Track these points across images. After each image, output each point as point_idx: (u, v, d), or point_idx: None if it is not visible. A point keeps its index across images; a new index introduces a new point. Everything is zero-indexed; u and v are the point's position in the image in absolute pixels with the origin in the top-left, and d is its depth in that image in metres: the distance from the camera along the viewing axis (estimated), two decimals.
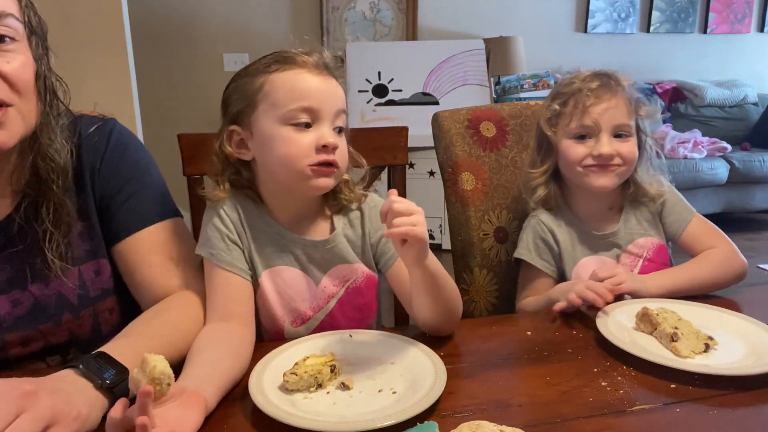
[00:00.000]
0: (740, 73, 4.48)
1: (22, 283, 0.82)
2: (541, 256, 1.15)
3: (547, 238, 1.15)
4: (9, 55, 0.72)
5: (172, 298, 0.85)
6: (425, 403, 0.67)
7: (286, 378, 0.72)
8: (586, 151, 1.08)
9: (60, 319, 0.85)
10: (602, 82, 1.08)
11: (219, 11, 3.59)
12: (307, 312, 0.92)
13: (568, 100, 1.10)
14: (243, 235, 0.89)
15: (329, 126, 0.84)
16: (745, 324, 0.89)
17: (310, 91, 0.83)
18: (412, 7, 3.81)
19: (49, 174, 0.78)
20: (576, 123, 1.08)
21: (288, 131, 0.83)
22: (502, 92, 3.67)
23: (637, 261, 1.14)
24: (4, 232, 0.81)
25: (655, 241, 1.15)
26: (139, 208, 0.88)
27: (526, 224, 1.19)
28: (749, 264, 1.11)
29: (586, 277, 1.09)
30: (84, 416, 0.60)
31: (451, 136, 1.30)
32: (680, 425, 0.67)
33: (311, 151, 0.83)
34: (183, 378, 0.69)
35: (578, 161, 1.09)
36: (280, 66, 0.84)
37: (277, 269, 0.90)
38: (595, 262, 1.14)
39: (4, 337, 0.82)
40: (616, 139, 1.07)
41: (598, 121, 1.06)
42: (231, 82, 0.90)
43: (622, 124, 1.07)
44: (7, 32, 0.72)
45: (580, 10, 4.14)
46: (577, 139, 1.09)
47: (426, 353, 0.79)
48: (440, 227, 3.43)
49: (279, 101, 0.83)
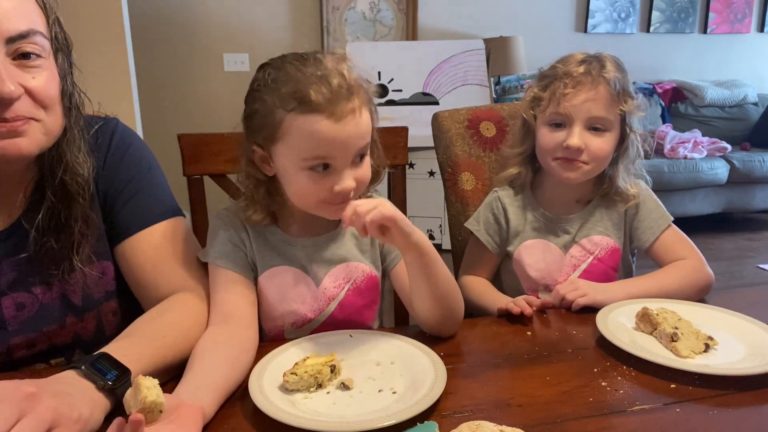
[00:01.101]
0: (740, 73, 4.48)
1: (27, 287, 0.82)
2: (488, 231, 1.15)
3: (498, 215, 1.15)
4: (35, 71, 0.73)
5: (174, 299, 0.85)
6: (425, 403, 0.67)
7: (286, 378, 0.72)
8: (558, 140, 1.05)
9: (64, 321, 0.86)
10: (586, 70, 1.03)
11: (219, 11, 3.58)
12: (307, 314, 0.92)
13: (548, 85, 1.06)
14: (246, 239, 0.90)
15: (349, 168, 0.82)
16: (745, 324, 0.89)
17: (327, 142, 0.79)
18: (412, 7, 3.81)
19: (75, 188, 0.80)
20: (551, 110, 1.05)
21: (304, 175, 0.82)
22: (502, 92, 3.67)
23: (587, 257, 1.12)
24: (12, 237, 0.81)
25: (611, 242, 1.13)
26: (141, 207, 0.89)
27: (486, 198, 1.19)
28: (749, 264, 1.11)
29: (527, 261, 1.13)
30: (86, 418, 0.60)
31: (451, 136, 1.30)
32: (680, 425, 0.67)
33: (326, 194, 0.82)
34: (182, 383, 0.69)
35: (549, 150, 1.07)
36: (298, 107, 0.78)
37: (277, 269, 0.91)
38: (540, 246, 1.13)
39: (9, 340, 0.82)
40: (591, 132, 1.04)
41: (570, 111, 1.03)
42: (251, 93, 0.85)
43: (598, 116, 1.03)
44: (34, 49, 0.72)
45: (580, 10, 4.15)
46: (553, 127, 1.06)
47: (426, 353, 0.79)
48: (440, 227, 3.42)
49: (296, 147, 0.80)
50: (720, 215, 3.83)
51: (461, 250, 1.30)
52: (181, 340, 0.77)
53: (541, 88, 1.08)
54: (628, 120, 1.07)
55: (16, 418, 0.53)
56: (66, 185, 0.80)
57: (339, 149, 0.80)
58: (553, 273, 1.13)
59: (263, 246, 0.90)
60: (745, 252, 3.33)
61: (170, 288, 0.86)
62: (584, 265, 1.12)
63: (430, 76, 3.56)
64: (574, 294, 0.98)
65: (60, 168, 0.79)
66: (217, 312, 0.84)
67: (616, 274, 1.15)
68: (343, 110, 0.78)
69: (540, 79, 1.10)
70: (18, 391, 0.55)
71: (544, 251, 1.13)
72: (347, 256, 0.93)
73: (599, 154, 1.04)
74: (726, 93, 4.25)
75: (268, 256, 0.90)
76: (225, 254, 0.88)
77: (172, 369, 0.76)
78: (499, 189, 1.18)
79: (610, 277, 1.13)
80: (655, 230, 1.11)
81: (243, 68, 3.64)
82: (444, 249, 3.38)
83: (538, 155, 1.12)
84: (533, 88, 1.10)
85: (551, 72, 1.08)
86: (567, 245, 1.13)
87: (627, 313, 0.92)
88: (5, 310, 0.82)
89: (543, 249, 1.13)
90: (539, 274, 1.13)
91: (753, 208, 3.95)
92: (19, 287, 0.82)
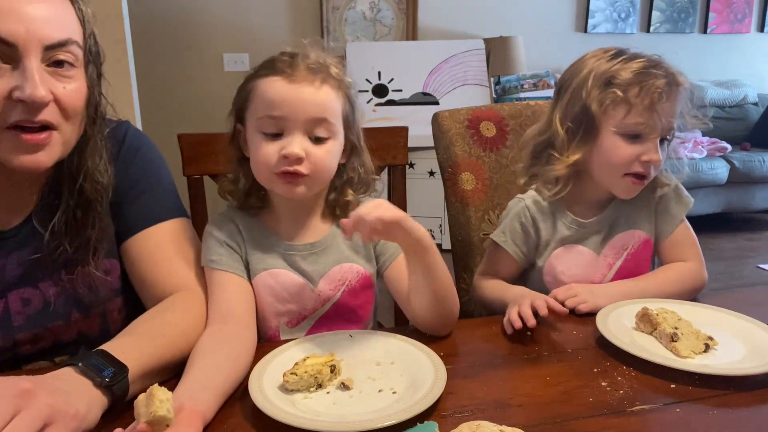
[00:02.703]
0: (740, 73, 4.48)
1: (33, 283, 0.83)
2: (515, 242, 1.10)
3: (527, 225, 1.09)
4: (66, 81, 0.75)
5: (175, 298, 0.85)
6: (425, 403, 0.67)
7: (286, 378, 0.72)
8: (634, 154, 0.96)
9: (70, 318, 0.86)
10: (668, 81, 0.96)
11: (219, 11, 3.59)
12: (302, 313, 0.93)
13: (629, 88, 0.96)
14: (241, 242, 0.91)
15: (300, 135, 0.83)
16: (745, 324, 0.89)
17: (279, 100, 0.83)
18: (412, 7, 3.81)
19: (94, 195, 0.82)
20: (636, 120, 0.95)
21: (259, 138, 0.85)
22: (502, 92, 3.67)
23: (621, 254, 1.09)
24: (21, 234, 0.83)
25: (643, 235, 1.09)
26: (148, 206, 0.90)
27: (511, 206, 1.12)
28: (749, 264, 1.11)
29: (560, 269, 1.08)
30: (82, 414, 0.60)
31: (451, 136, 1.30)
32: (680, 425, 0.67)
33: (275, 160, 0.83)
34: (183, 383, 0.69)
35: (623, 165, 0.98)
36: (265, 71, 0.85)
37: (271, 272, 0.91)
38: (571, 252, 1.09)
39: (15, 335, 0.83)
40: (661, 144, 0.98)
41: (658, 123, 0.95)
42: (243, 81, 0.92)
43: (672, 128, 0.98)
44: (68, 58, 0.74)
45: (580, 10, 4.14)
46: (628, 138, 0.97)
47: (426, 353, 0.79)
48: (440, 227, 3.42)
49: (256, 109, 0.85)
50: (720, 215, 3.83)
51: (461, 250, 1.30)
52: (180, 340, 0.78)
53: (623, 91, 0.96)
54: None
55: (11, 415, 0.53)
56: (85, 191, 0.82)
57: (288, 109, 0.82)
58: (589, 275, 1.09)
59: (257, 249, 0.91)
60: (745, 252, 3.33)
61: (171, 287, 0.86)
62: (619, 262, 1.09)
63: (430, 76, 3.56)
64: (574, 301, 0.97)
65: (80, 175, 0.81)
66: (216, 312, 0.84)
67: (650, 265, 1.12)
68: (300, 75, 0.83)
69: (612, 79, 0.98)
70: (13, 387, 0.55)
71: (576, 256, 1.09)
72: (341, 258, 0.94)
73: (660, 165, 1.00)
74: (726, 93, 4.25)
75: (262, 259, 0.91)
76: (220, 256, 0.88)
77: (171, 368, 0.76)
78: (525, 197, 1.10)
79: (643, 270, 1.10)
80: (672, 225, 1.09)
81: (243, 68, 3.64)
82: (444, 249, 3.38)
83: (603, 167, 1.02)
84: (611, 90, 0.97)
85: (628, 76, 0.97)
86: (599, 246, 1.09)
87: (627, 313, 0.92)
88: (11, 304, 0.82)
89: (575, 254, 1.09)
90: (574, 280, 1.08)
91: (753, 208, 3.95)
92: (25, 283, 0.83)
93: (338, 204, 0.94)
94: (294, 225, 0.93)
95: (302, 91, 0.83)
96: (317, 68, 0.85)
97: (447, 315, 0.87)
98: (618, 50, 1.03)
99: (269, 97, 0.83)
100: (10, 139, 0.72)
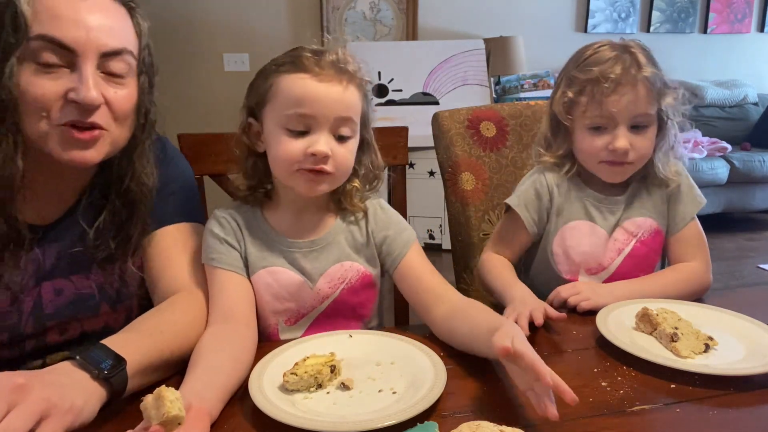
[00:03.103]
0: (740, 73, 4.48)
1: (67, 274, 0.87)
2: (528, 208, 1.11)
3: (542, 192, 1.11)
4: (117, 86, 0.80)
5: (174, 299, 0.86)
6: (425, 403, 0.67)
7: (286, 378, 0.72)
8: (602, 144, 1.03)
9: (99, 310, 0.90)
10: (623, 70, 1.00)
11: (219, 11, 3.59)
12: (300, 311, 0.93)
13: (584, 89, 1.03)
14: (241, 239, 0.91)
15: (327, 133, 0.84)
16: (745, 324, 0.89)
17: (308, 98, 0.82)
18: (412, 7, 3.81)
19: (140, 196, 0.87)
20: (592, 113, 1.03)
21: (284, 135, 0.84)
22: (502, 92, 3.68)
23: (630, 240, 1.10)
24: (59, 227, 0.86)
25: (654, 225, 1.11)
26: (172, 206, 0.93)
27: (529, 174, 1.15)
28: (749, 264, 1.11)
29: (569, 244, 1.10)
30: (78, 408, 0.60)
31: (451, 136, 1.30)
32: (680, 425, 0.67)
33: (301, 157, 0.83)
34: (187, 382, 0.69)
35: (594, 154, 1.05)
36: (289, 67, 0.84)
37: (270, 270, 0.91)
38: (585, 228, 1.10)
39: (45, 323, 0.86)
40: (633, 131, 1.02)
41: (614, 114, 1.00)
42: (256, 76, 0.91)
43: (640, 113, 1.01)
44: (122, 66, 0.80)
45: (580, 10, 4.15)
46: (593, 131, 1.04)
47: (426, 353, 0.79)
48: (440, 227, 3.43)
49: (280, 105, 0.84)
50: (720, 215, 3.83)
51: (461, 250, 1.30)
52: (178, 337, 0.78)
53: (577, 92, 1.04)
54: (665, 109, 1.04)
55: (5, 411, 0.53)
56: (131, 192, 0.86)
57: (318, 108, 0.82)
58: (597, 256, 1.10)
59: (257, 246, 0.91)
60: (745, 252, 3.33)
61: (178, 284, 0.88)
62: (628, 249, 1.10)
63: (430, 76, 3.56)
64: (577, 298, 0.98)
65: (128, 176, 0.86)
66: (217, 311, 0.84)
67: (658, 258, 1.13)
68: (328, 74, 0.83)
69: (572, 82, 1.06)
70: (7, 383, 0.56)
71: (590, 234, 1.10)
72: (342, 256, 0.93)
73: (645, 152, 1.04)
74: (726, 93, 4.25)
75: (263, 257, 0.91)
76: (219, 254, 0.89)
77: (169, 365, 0.77)
78: (545, 169, 1.13)
79: (652, 262, 1.12)
80: (684, 220, 1.10)
81: (243, 68, 3.64)
82: (444, 249, 3.39)
83: (580, 158, 1.10)
84: (566, 93, 1.06)
85: (584, 74, 1.03)
86: (611, 228, 1.10)
87: (627, 313, 0.92)
88: (44, 293, 0.85)
89: (589, 232, 1.10)
90: (582, 258, 1.11)
91: (753, 208, 3.95)
92: (60, 274, 0.86)
93: (342, 194, 0.94)
94: (297, 220, 0.93)
95: (332, 90, 0.83)
96: (343, 68, 0.85)
97: None
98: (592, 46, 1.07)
99: (297, 94, 0.83)
100: (62, 134, 0.77)
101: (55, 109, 0.75)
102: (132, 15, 0.83)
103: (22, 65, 0.74)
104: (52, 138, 0.77)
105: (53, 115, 0.76)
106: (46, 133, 0.76)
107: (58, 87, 0.75)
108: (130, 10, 0.83)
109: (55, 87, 0.75)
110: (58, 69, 0.75)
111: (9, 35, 0.72)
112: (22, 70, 0.74)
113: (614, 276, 1.10)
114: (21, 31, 0.73)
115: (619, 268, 1.10)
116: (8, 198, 0.77)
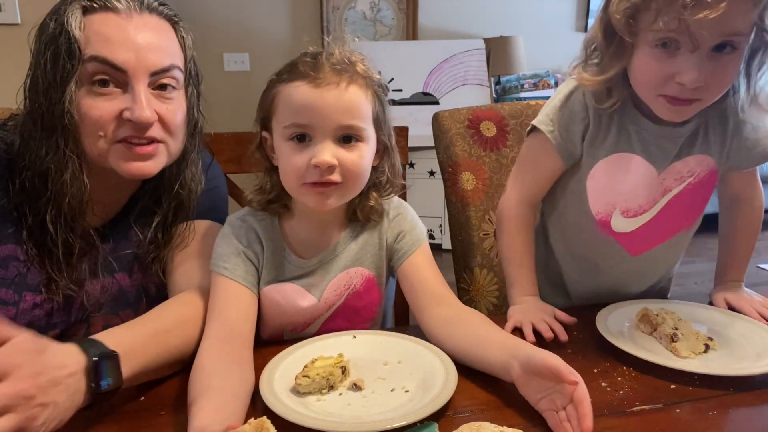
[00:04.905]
0: None
1: (112, 272, 0.91)
2: (559, 129, 0.91)
3: (577, 112, 0.90)
4: (168, 102, 0.84)
5: (179, 297, 0.86)
6: (441, 400, 0.67)
7: (298, 381, 0.71)
8: (668, 72, 0.78)
9: (139, 307, 0.93)
10: None
11: (219, 11, 3.58)
12: (306, 322, 0.92)
13: None
14: (259, 252, 0.89)
15: (329, 141, 0.79)
16: (745, 324, 0.90)
17: (304, 107, 0.78)
18: (412, 7, 3.81)
19: (187, 202, 0.92)
20: (663, 24, 0.74)
21: (287, 147, 0.81)
22: (502, 92, 3.68)
23: (683, 180, 0.92)
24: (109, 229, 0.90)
25: (712, 163, 0.92)
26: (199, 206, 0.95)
27: (562, 87, 0.94)
28: (749, 264, 1.10)
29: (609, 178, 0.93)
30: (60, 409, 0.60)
31: (451, 136, 1.30)
32: (680, 425, 0.67)
33: (305, 170, 0.80)
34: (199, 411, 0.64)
35: (654, 85, 0.81)
36: (288, 76, 0.81)
37: (280, 287, 0.89)
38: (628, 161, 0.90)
39: (90, 318, 0.90)
40: (716, 53, 0.76)
41: (695, 31, 0.73)
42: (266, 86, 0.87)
43: (732, 31, 0.74)
44: (171, 82, 0.84)
45: (580, 10, 4.14)
46: (660, 49, 0.78)
47: (432, 350, 0.80)
48: (440, 227, 3.43)
49: (281, 116, 0.81)
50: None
51: (461, 250, 1.30)
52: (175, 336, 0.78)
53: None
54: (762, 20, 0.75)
55: None
56: (181, 198, 0.91)
57: (316, 117, 0.78)
58: (640, 196, 0.93)
59: (271, 260, 0.89)
60: None
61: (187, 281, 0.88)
62: (677, 189, 0.92)
63: (430, 76, 3.56)
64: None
65: (177, 183, 0.91)
66: (222, 327, 0.80)
67: (705, 205, 0.98)
68: (324, 78, 0.79)
69: None
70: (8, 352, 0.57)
71: (635, 171, 0.91)
72: (348, 263, 0.92)
73: (724, 85, 0.81)
74: None
75: (276, 273, 0.89)
76: (235, 265, 0.85)
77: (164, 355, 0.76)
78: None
79: (698, 208, 0.97)
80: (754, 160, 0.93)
81: (243, 68, 3.64)
82: (444, 249, 3.38)
83: (636, 85, 0.85)
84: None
85: None
86: (664, 164, 0.91)
87: (627, 314, 0.92)
88: (90, 291, 0.88)
89: (634, 166, 0.91)
90: (622, 197, 0.93)
91: None
92: (106, 272, 0.90)
93: (361, 209, 0.90)
94: (312, 234, 0.90)
95: (328, 95, 0.78)
96: (342, 68, 0.79)
97: None
98: None
99: (293, 103, 0.79)
100: (120, 149, 0.81)
101: (112, 128, 0.79)
102: (176, 30, 0.87)
103: (80, 90, 0.78)
104: (111, 154, 0.81)
105: (110, 134, 0.80)
106: (106, 150, 0.81)
107: (113, 107, 0.79)
108: (174, 24, 0.86)
109: (110, 107, 0.79)
110: (112, 89, 0.79)
111: (65, 62, 0.76)
112: (80, 95, 0.78)
113: (652, 222, 0.95)
114: (75, 56, 0.76)
115: (660, 212, 0.95)
116: (79, 213, 0.82)
